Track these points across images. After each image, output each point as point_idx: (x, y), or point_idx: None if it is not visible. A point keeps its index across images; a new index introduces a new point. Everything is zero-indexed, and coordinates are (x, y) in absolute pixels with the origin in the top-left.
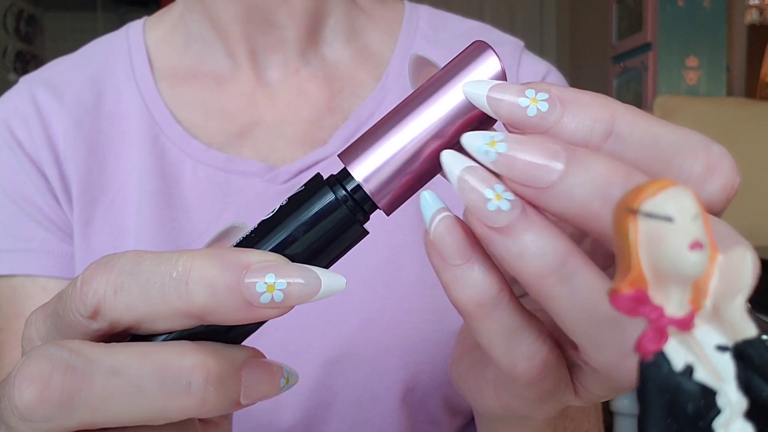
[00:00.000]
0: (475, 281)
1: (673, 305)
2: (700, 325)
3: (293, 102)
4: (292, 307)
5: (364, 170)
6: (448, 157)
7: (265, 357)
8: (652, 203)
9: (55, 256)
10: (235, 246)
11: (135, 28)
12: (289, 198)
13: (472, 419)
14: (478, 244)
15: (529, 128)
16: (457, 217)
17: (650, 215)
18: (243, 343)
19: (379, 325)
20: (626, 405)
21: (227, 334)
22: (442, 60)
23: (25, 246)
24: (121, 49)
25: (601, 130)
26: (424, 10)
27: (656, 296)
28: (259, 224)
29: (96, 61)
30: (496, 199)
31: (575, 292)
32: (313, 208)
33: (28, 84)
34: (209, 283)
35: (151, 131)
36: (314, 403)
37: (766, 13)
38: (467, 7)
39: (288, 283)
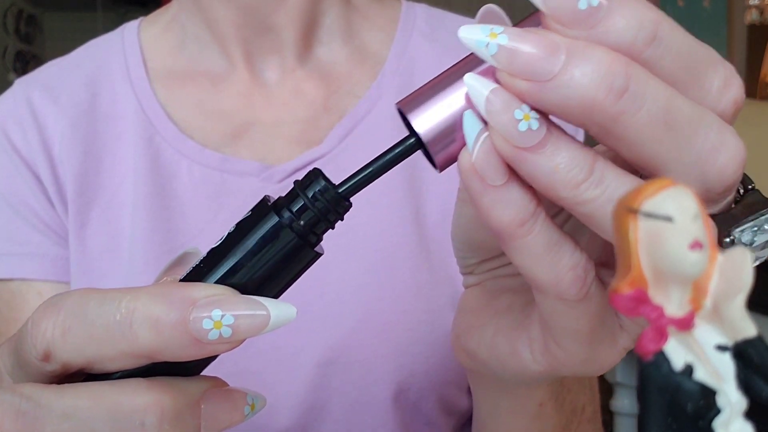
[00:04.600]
0: (516, 199)
1: (673, 305)
2: (700, 324)
3: (290, 102)
4: (243, 340)
5: (425, 122)
6: (472, 79)
7: (227, 385)
8: (652, 203)
9: (50, 260)
10: (184, 277)
11: (130, 28)
12: (236, 224)
13: (468, 419)
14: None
15: (577, 23)
16: None
17: (650, 215)
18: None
19: (373, 326)
20: (626, 405)
21: (185, 366)
22: (442, 59)
23: (21, 250)
24: (116, 50)
25: (646, 33)
26: (422, 8)
27: (656, 296)
28: (208, 253)
29: (91, 63)
30: (526, 120)
31: (607, 190)
32: (259, 233)
33: (24, 86)
34: (154, 323)
35: (147, 132)
36: (309, 405)
37: (766, 13)
38: (467, 6)
39: (235, 318)
